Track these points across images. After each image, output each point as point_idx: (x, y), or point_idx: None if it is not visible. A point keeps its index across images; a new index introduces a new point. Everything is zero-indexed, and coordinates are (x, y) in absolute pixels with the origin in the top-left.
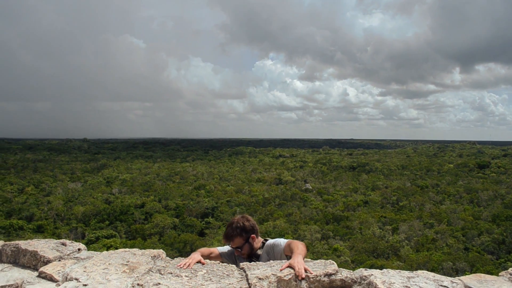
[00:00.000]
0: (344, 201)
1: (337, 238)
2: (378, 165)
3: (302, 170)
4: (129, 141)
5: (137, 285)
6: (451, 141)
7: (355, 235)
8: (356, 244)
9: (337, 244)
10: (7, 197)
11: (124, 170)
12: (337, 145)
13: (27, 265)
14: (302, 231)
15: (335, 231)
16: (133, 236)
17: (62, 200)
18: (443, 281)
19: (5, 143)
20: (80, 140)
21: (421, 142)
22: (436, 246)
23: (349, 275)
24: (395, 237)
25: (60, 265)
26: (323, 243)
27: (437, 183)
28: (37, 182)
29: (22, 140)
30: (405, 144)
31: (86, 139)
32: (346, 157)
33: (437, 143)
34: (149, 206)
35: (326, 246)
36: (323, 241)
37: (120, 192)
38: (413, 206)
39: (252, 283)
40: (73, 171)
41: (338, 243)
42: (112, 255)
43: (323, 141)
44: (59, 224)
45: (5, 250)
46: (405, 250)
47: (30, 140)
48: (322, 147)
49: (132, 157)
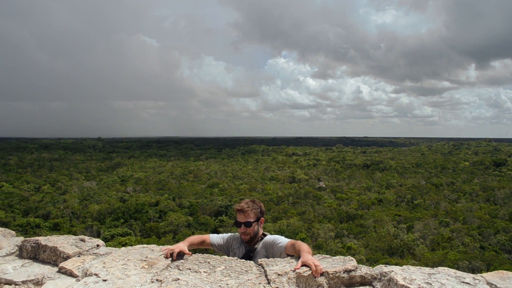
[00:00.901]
0: (358, 199)
1: (351, 236)
2: (392, 163)
3: (315, 168)
4: (143, 140)
5: (156, 280)
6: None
7: (370, 234)
8: (370, 243)
9: (351, 242)
10: (24, 196)
11: (138, 169)
12: (350, 143)
13: (47, 261)
14: (315, 229)
15: (349, 230)
16: (147, 234)
17: (78, 198)
18: (464, 277)
19: (21, 142)
20: (94, 139)
21: (436, 140)
22: (451, 244)
23: (368, 272)
24: (410, 235)
25: (79, 260)
26: (337, 241)
27: (453, 181)
28: (53, 180)
29: (38, 139)
30: (420, 141)
31: (100, 138)
32: (359, 155)
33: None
34: (163, 205)
35: (340, 244)
36: (337, 239)
37: (135, 190)
38: (428, 204)
39: (271, 279)
40: (88, 169)
41: (352, 241)
42: (131, 251)
43: (337, 139)
44: (75, 222)
45: (26, 246)
46: (420, 249)
47: (46, 139)
48: (336, 145)
49: (146, 155)
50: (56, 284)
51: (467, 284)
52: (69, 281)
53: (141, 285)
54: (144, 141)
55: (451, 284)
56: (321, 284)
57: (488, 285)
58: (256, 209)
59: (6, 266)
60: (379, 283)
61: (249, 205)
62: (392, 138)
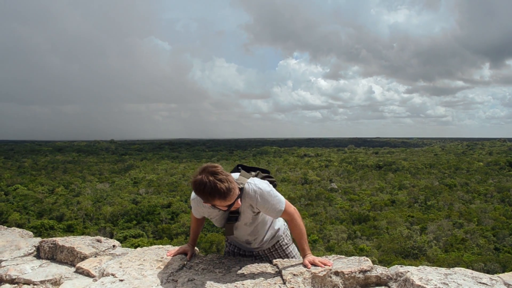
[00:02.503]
0: (371, 201)
1: (364, 238)
2: (405, 163)
3: (327, 169)
4: (155, 142)
5: (172, 280)
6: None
7: (383, 235)
8: (383, 244)
9: (363, 244)
10: (39, 198)
11: (150, 171)
12: (362, 143)
13: (64, 261)
14: (328, 231)
15: (361, 231)
16: (160, 235)
17: (91, 200)
18: (481, 278)
19: (36, 145)
20: (107, 141)
21: (449, 140)
22: (466, 246)
23: (384, 272)
24: (423, 237)
25: (96, 261)
26: (349, 243)
27: (466, 182)
28: (66, 183)
29: (52, 142)
30: (433, 142)
31: (113, 141)
32: (372, 156)
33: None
34: (175, 206)
35: (352, 246)
36: (349, 241)
37: (147, 192)
38: (441, 205)
39: (287, 279)
40: (101, 172)
41: (365, 243)
42: (146, 251)
43: (348, 140)
44: (88, 224)
45: (43, 246)
46: (433, 250)
47: (60, 142)
48: (348, 146)
49: (158, 157)
50: (74, 284)
51: (484, 285)
52: (86, 281)
53: (157, 285)
54: (156, 143)
55: (468, 284)
56: (336, 284)
57: (506, 285)
58: (234, 186)
59: (25, 266)
60: (394, 283)
61: (227, 186)
62: (404, 138)
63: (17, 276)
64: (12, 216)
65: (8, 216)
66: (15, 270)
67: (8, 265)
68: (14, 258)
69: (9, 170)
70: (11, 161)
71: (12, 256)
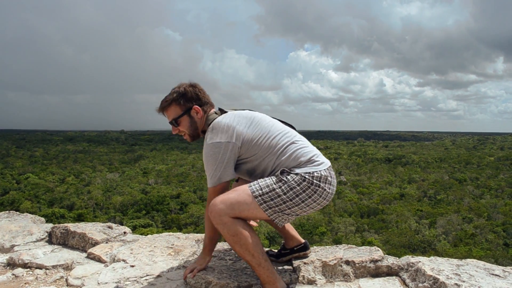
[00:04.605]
0: (379, 194)
1: (372, 231)
2: (415, 157)
3: (336, 162)
4: (165, 132)
5: (182, 267)
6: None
7: (392, 229)
8: (391, 238)
9: (372, 237)
10: (50, 187)
11: (160, 161)
12: (372, 137)
13: (76, 247)
14: (336, 223)
15: (370, 225)
16: (169, 225)
17: (101, 190)
18: (494, 269)
19: (47, 134)
20: (117, 131)
21: (460, 134)
22: (475, 241)
23: (395, 262)
24: (432, 231)
25: (107, 247)
26: (357, 236)
27: (477, 177)
28: (77, 172)
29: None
30: (443, 136)
31: (123, 131)
32: (381, 149)
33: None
34: (184, 197)
35: (360, 239)
36: (357, 234)
37: (156, 182)
38: (451, 199)
39: (297, 267)
40: (111, 162)
41: (373, 236)
42: (157, 238)
43: (358, 132)
44: (98, 213)
45: (55, 232)
46: (442, 245)
47: (71, 131)
48: (357, 139)
49: (168, 148)
50: (85, 269)
51: (497, 276)
52: (97, 266)
53: (168, 271)
54: (166, 133)
55: (480, 275)
56: (347, 273)
57: None
58: (175, 98)
59: (37, 251)
60: (406, 273)
61: (167, 98)
62: (415, 132)
63: (30, 260)
64: (23, 205)
65: (20, 205)
66: (28, 255)
67: (21, 249)
68: (27, 243)
69: (21, 159)
70: (22, 150)
71: (25, 241)
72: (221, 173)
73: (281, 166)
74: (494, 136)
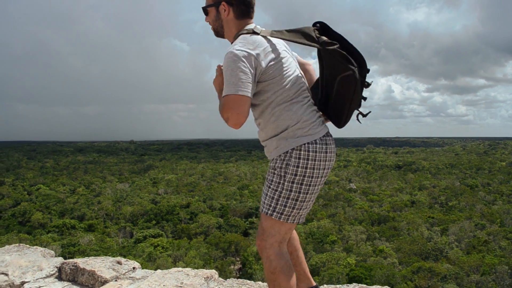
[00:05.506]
0: (390, 201)
1: (383, 239)
2: (425, 163)
3: (346, 169)
4: (174, 142)
5: None
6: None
7: (403, 237)
8: (402, 246)
9: (383, 245)
10: (60, 198)
11: (169, 171)
12: (381, 143)
13: (85, 284)
14: (346, 231)
15: (381, 232)
16: (179, 235)
17: (111, 200)
18: None
19: (57, 146)
20: (127, 142)
21: (471, 140)
22: (488, 248)
23: None
24: (444, 238)
25: (116, 285)
26: (368, 244)
27: (489, 182)
28: (87, 183)
29: (73, 142)
30: (454, 141)
31: (133, 141)
32: (391, 155)
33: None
34: (194, 206)
35: (371, 247)
36: (368, 242)
37: (166, 192)
38: (463, 206)
39: None
40: (121, 172)
41: (384, 244)
42: (166, 275)
43: (367, 139)
44: (109, 223)
45: (65, 268)
46: (454, 252)
47: (81, 142)
48: (366, 146)
49: (177, 158)
50: None
51: None
52: None
53: None
54: (175, 143)
55: None
56: None
57: None
58: None
59: None
60: None
61: None
62: (424, 138)
63: None
64: (35, 216)
65: (31, 216)
66: None
67: (31, 286)
68: (37, 279)
69: (32, 170)
70: (33, 161)
71: (35, 278)
72: (240, 82)
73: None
74: (505, 141)
